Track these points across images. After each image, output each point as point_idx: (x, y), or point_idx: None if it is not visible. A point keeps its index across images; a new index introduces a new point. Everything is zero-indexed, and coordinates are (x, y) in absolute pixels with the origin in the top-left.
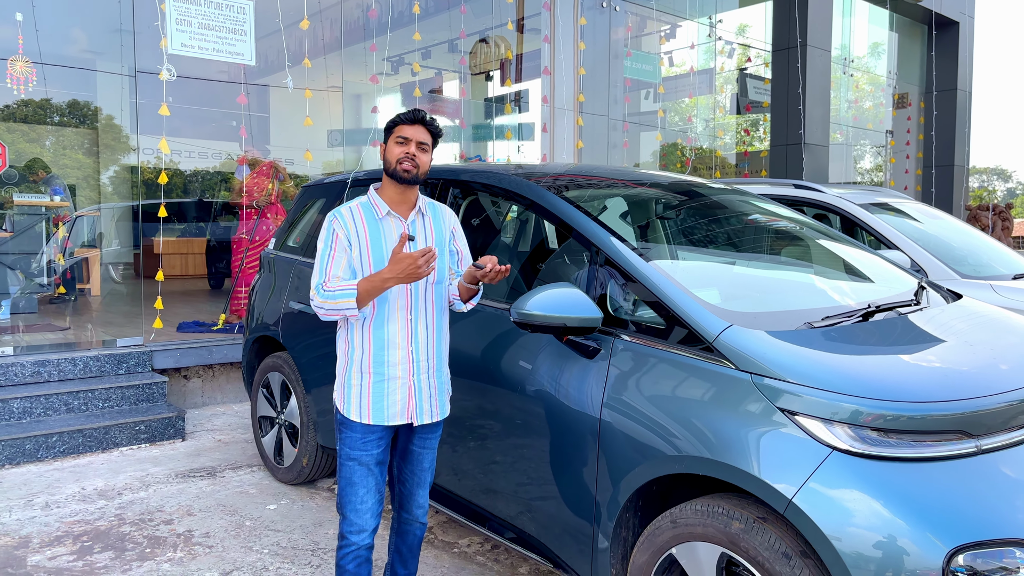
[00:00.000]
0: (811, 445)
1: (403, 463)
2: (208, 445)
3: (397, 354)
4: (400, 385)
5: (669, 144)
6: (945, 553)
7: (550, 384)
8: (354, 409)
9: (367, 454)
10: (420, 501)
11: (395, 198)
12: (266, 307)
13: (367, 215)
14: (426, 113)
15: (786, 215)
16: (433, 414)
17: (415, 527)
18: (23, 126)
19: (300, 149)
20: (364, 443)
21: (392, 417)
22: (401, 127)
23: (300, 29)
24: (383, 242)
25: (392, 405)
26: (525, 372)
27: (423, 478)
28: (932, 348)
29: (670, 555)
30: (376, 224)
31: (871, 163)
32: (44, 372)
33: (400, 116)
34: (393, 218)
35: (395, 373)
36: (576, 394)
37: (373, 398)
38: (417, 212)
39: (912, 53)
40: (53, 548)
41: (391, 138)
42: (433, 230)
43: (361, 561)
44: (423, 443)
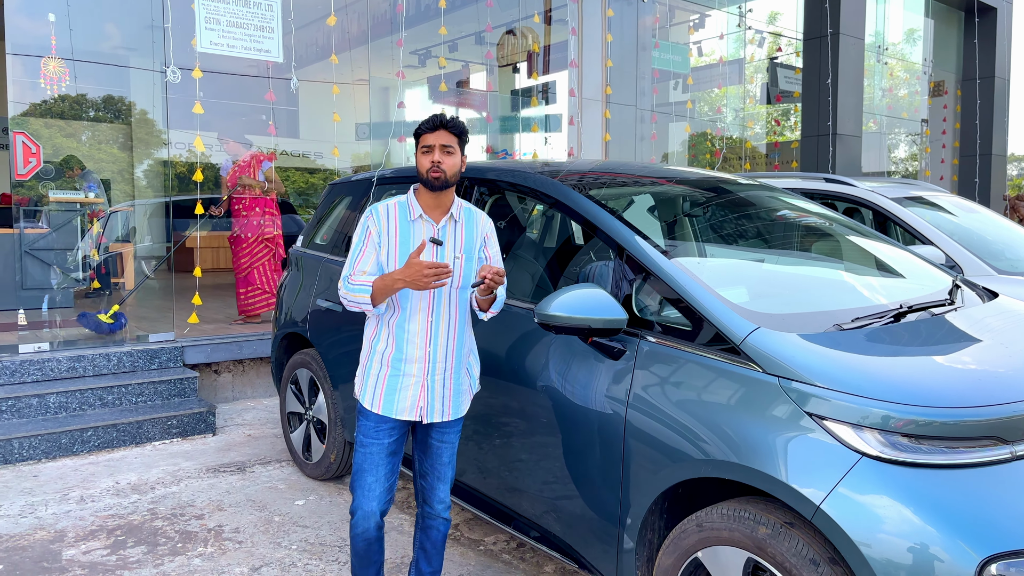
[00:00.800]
0: (840, 451)
1: (423, 456)
2: (238, 440)
3: (415, 353)
4: (414, 383)
5: (698, 135)
6: (977, 562)
7: (574, 385)
8: (368, 398)
9: (378, 443)
10: (441, 496)
11: (430, 202)
12: (294, 304)
13: (401, 215)
14: (445, 117)
15: (815, 211)
16: (444, 414)
17: (438, 523)
18: (60, 121)
19: (329, 143)
20: (376, 432)
21: (401, 412)
22: (424, 136)
23: (327, 24)
24: (411, 243)
25: (403, 400)
26: (549, 372)
27: (443, 473)
28: (966, 350)
29: (696, 559)
30: (408, 225)
31: (906, 152)
32: (79, 367)
33: (421, 126)
34: (425, 221)
35: (411, 371)
36: (600, 395)
37: (386, 390)
38: (449, 217)
39: (948, 40)
40: (88, 542)
41: (418, 148)
42: (464, 235)
43: (370, 540)
44: (441, 437)
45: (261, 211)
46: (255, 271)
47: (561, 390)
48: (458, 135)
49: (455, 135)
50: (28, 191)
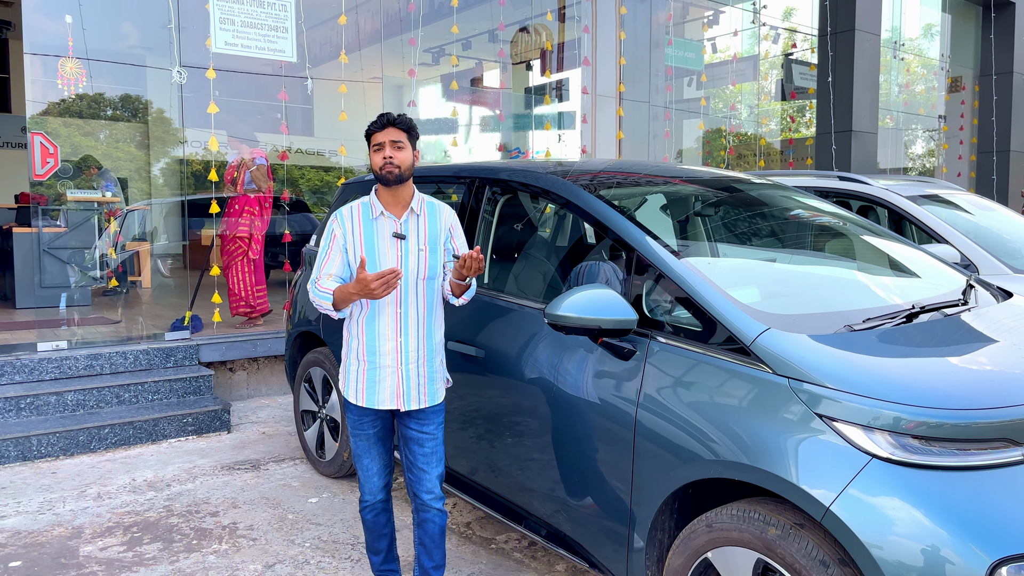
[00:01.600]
0: (850, 452)
1: (405, 447)
2: (252, 438)
3: (387, 345)
4: (389, 373)
5: (712, 132)
6: (988, 565)
7: (584, 385)
8: (351, 392)
9: (364, 432)
10: (429, 486)
11: (388, 199)
12: (307, 303)
13: (364, 215)
14: (392, 114)
15: (828, 210)
16: (421, 401)
17: (432, 515)
18: (78, 120)
19: (343, 140)
20: (360, 423)
21: (382, 402)
22: (374, 135)
23: (339, 23)
24: (375, 241)
25: (382, 391)
26: (559, 372)
27: (427, 462)
28: (978, 351)
29: (706, 559)
30: (370, 223)
31: (923, 149)
32: (97, 365)
33: (370, 126)
34: (386, 218)
35: (384, 362)
36: (611, 395)
37: (367, 383)
38: (410, 212)
39: (966, 35)
40: (104, 539)
41: (370, 148)
42: (427, 228)
43: (377, 512)
44: (420, 427)
45: (240, 209)
46: (229, 273)
47: (571, 390)
48: (407, 130)
49: (403, 131)
50: (46, 190)
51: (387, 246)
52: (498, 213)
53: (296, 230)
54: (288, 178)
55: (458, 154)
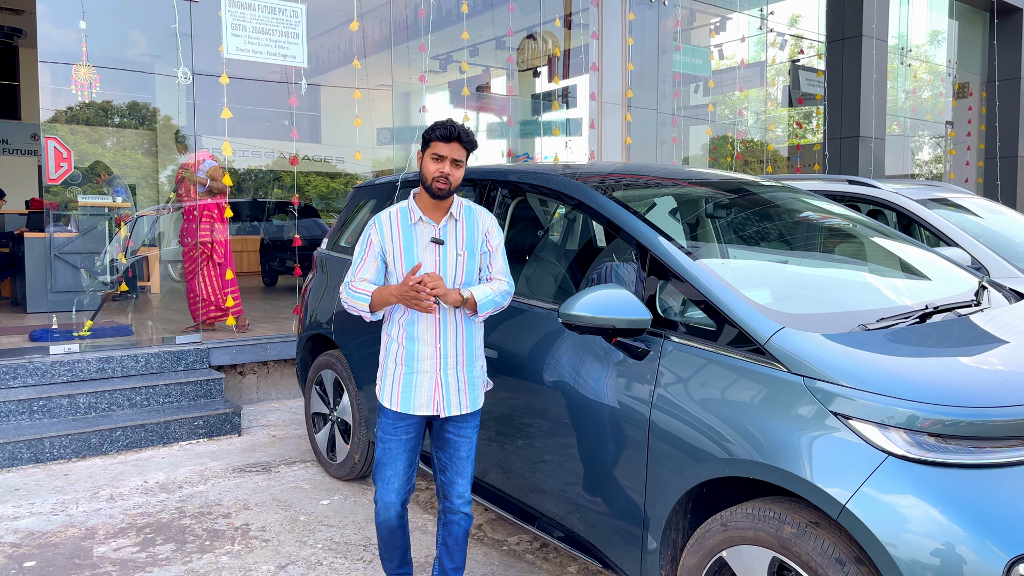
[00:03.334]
0: (865, 450)
1: (441, 451)
2: (263, 440)
3: (426, 350)
4: (428, 379)
5: (719, 138)
6: (1005, 562)
7: (598, 385)
8: (386, 396)
9: (396, 439)
10: (460, 491)
11: (429, 206)
12: (319, 306)
13: (403, 220)
14: (460, 129)
15: (838, 212)
16: (461, 407)
17: (459, 518)
18: (86, 128)
19: (351, 147)
20: (395, 428)
21: (419, 407)
22: (437, 144)
23: (350, 30)
24: (414, 246)
25: (419, 396)
26: (573, 372)
27: (462, 467)
28: (993, 350)
29: (720, 558)
30: (409, 229)
31: (930, 155)
32: (108, 368)
33: (437, 133)
34: (425, 223)
35: (424, 367)
36: (624, 395)
37: (403, 388)
38: (449, 217)
39: (973, 41)
40: (118, 540)
41: (428, 152)
42: (464, 233)
43: (392, 527)
44: (458, 431)
45: (200, 214)
46: (195, 278)
47: (584, 390)
48: (469, 150)
49: (467, 149)
50: (55, 196)
51: (425, 252)
52: (509, 216)
53: (305, 235)
54: (296, 184)
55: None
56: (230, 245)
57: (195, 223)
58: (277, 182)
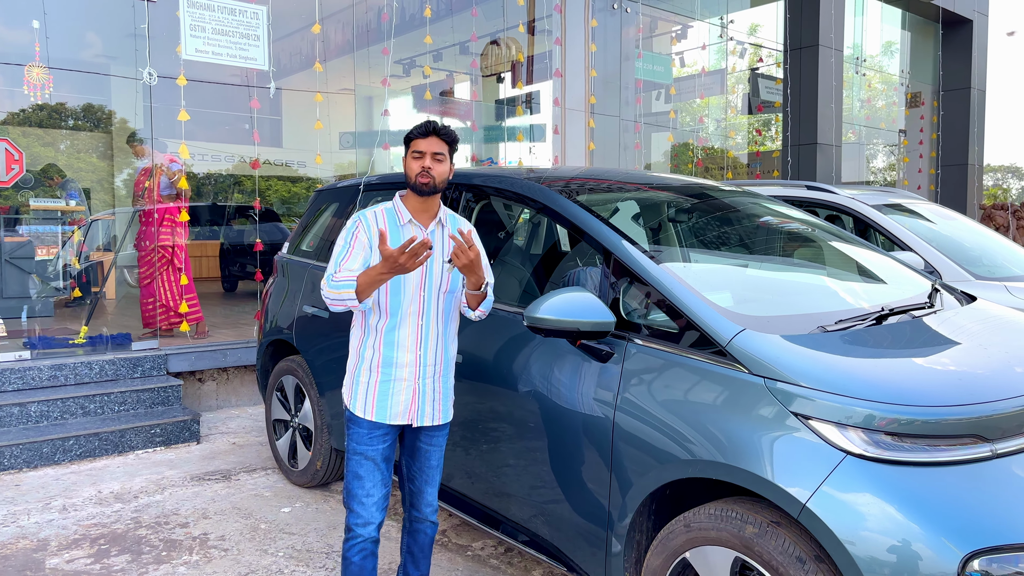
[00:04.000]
0: (825, 449)
1: (411, 460)
2: (223, 448)
3: (406, 357)
4: (405, 387)
5: (681, 145)
6: (960, 558)
7: (562, 388)
8: (359, 405)
9: (372, 449)
10: (429, 499)
11: (417, 207)
12: (280, 311)
13: (390, 221)
14: (438, 124)
15: (798, 217)
16: (435, 417)
17: (426, 526)
18: (38, 130)
19: (312, 152)
20: (370, 438)
21: (395, 416)
22: (416, 141)
23: (312, 33)
24: None
25: (396, 405)
26: (537, 376)
27: (431, 476)
28: (946, 351)
29: (684, 559)
30: (397, 230)
31: (884, 162)
32: (61, 376)
33: (414, 130)
34: (414, 226)
35: (402, 375)
36: (588, 398)
37: (378, 396)
38: (437, 222)
39: (925, 52)
40: (71, 551)
41: (408, 152)
42: (450, 241)
43: (367, 554)
44: (430, 441)
45: (160, 218)
46: (154, 283)
47: (549, 393)
48: (449, 143)
49: (447, 143)
50: (6, 200)
51: None
52: (474, 219)
53: (266, 239)
54: (257, 189)
55: None
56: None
57: (155, 226)
58: (237, 186)
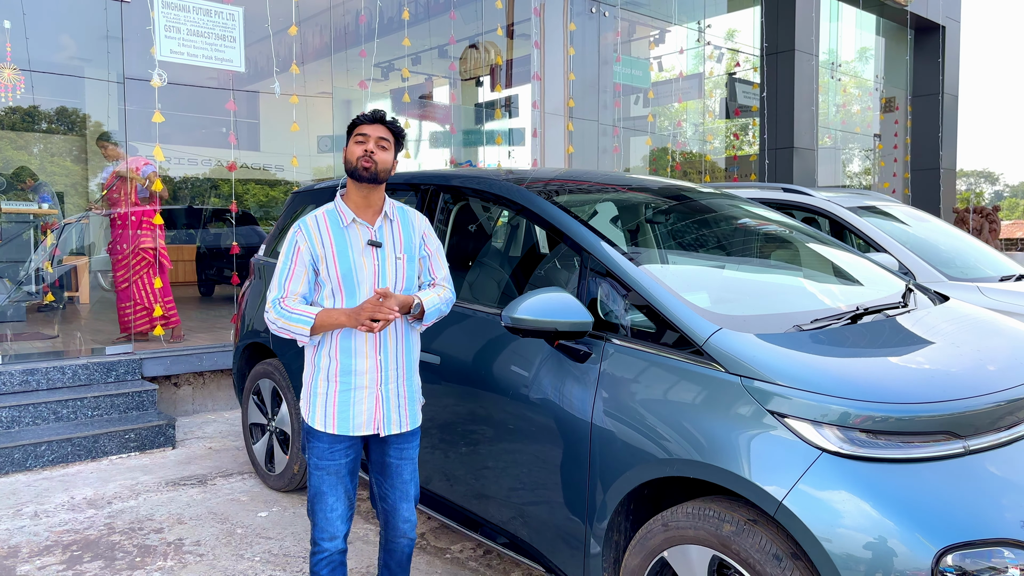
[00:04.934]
0: (800, 447)
1: (382, 478)
2: (199, 453)
3: (365, 363)
4: (367, 395)
5: (659, 149)
6: (934, 553)
7: (541, 388)
8: (319, 419)
9: (335, 463)
10: (405, 515)
11: (360, 202)
12: (256, 314)
13: (332, 223)
14: (386, 113)
15: (775, 219)
16: (402, 424)
17: (403, 543)
18: (11, 133)
19: (290, 155)
20: (331, 452)
21: (358, 427)
22: (361, 126)
23: (289, 35)
24: (349, 251)
25: (359, 415)
26: (516, 377)
27: (405, 491)
28: (920, 350)
29: (662, 558)
30: (342, 232)
31: (859, 166)
32: (33, 381)
33: (360, 116)
34: (359, 225)
35: (362, 383)
36: (567, 398)
37: (339, 407)
38: (384, 217)
39: (899, 57)
40: (43, 558)
41: (352, 138)
42: (402, 235)
43: (335, 566)
44: (400, 454)
45: (138, 221)
46: (134, 286)
47: (528, 394)
48: (395, 134)
49: (392, 133)
50: None
51: (362, 256)
52: (452, 221)
53: (243, 243)
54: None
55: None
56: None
57: (131, 229)
58: (214, 190)
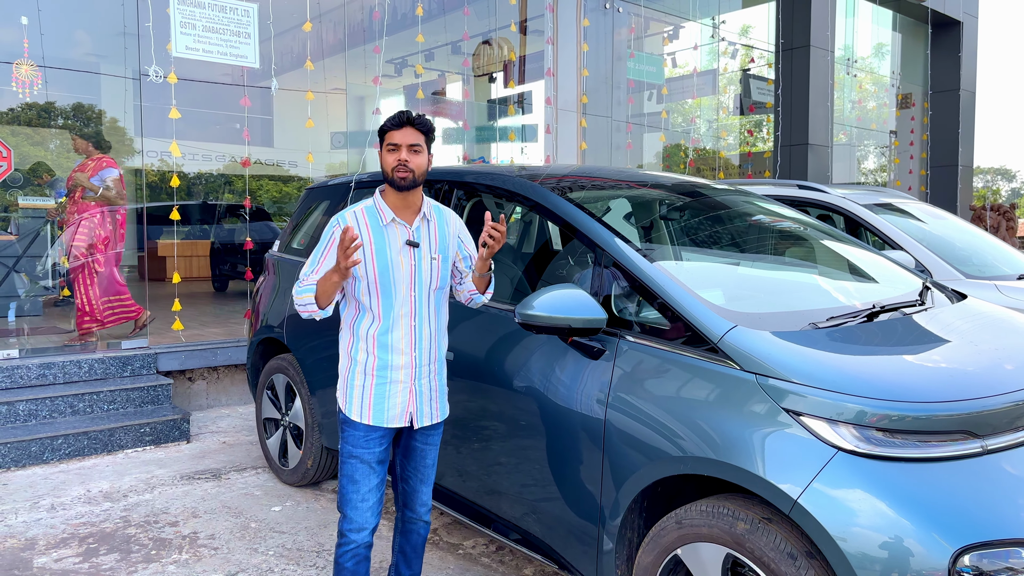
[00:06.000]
0: (816, 446)
1: (406, 460)
2: (213, 447)
3: (401, 359)
4: (402, 389)
5: (672, 145)
6: (951, 553)
7: (554, 385)
8: (355, 409)
9: (368, 452)
10: (424, 499)
11: (398, 203)
12: (271, 309)
13: (372, 220)
14: (411, 113)
15: (790, 215)
16: (433, 416)
17: (419, 526)
18: (27, 129)
19: (303, 151)
20: (366, 441)
21: (392, 420)
22: (390, 133)
23: (303, 31)
24: (387, 250)
25: (393, 408)
26: (529, 373)
27: (426, 475)
28: (937, 348)
29: (675, 556)
30: (381, 231)
31: (875, 163)
32: (49, 375)
33: (387, 122)
34: (398, 225)
35: (398, 377)
36: (580, 395)
37: (375, 400)
38: (422, 218)
39: (916, 53)
40: (59, 550)
41: (384, 146)
42: (437, 235)
43: (360, 559)
44: (425, 439)
45: (78, 220)
46: (72, 287)
47: (541, 391)
48: (425, 132)
49: (422, 132)
50: None
51: (400, 256)
52: (465, 217)
53: (257, 238)
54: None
55: None
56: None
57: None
58: (228, 186)
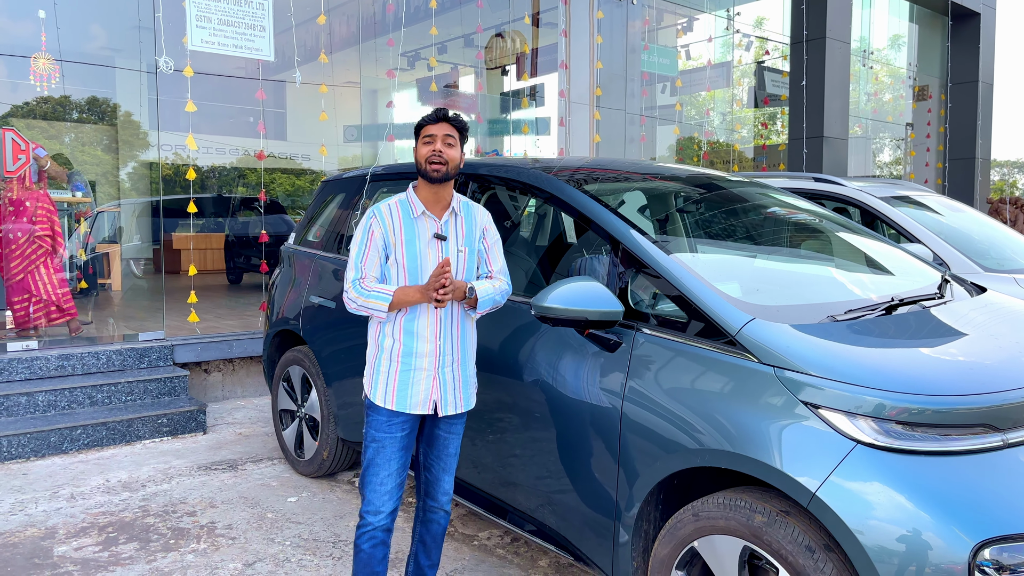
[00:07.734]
0: (834, 438)
1: (429, 448)
2: (229, 438)
3: (425, 347)
4: (426, 376)
5: (686, 138)
6: (971, 547)
7: (570, 377)
8: (379, 394)
9: (391, 436)
10: (446, 487)
11: (429, 197)
12: (286, 301)
13: (404, 213)
14: (448, 110)
15: (806, 208)
16: (457, 405)
17: (439, 515)
18: (43, 123)
19: (317, 144)
20: (389, 426)
21: (415, 406)
22: (427, 127)
23: (317, 24)
24: (416, 241)
25: (416, 395)
26: (545, 365)
27: (449, 463)
28: (956, 341)
29: (692, 548)
30: (411, 223)
31: (891, 156)
32: (68, 366)
33: (424, 117)
34: (428, 218)
35: (422, 364)
36: (597, 387)
37: (399, 386)
38: (451, 212)
39: (933, 45)
40: (79, 539)
41: (419, 140)
42: (464, 229)
43: (376, 542)
44: (449, 428)
45: (33, 206)
46: (29, 277)
47: (556, 383)
48: (460, 130)
49: (458, 129)
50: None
51: (428, 248)
52: None
53: (271, 231)
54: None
55: None
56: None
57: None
58: (242, 179)
